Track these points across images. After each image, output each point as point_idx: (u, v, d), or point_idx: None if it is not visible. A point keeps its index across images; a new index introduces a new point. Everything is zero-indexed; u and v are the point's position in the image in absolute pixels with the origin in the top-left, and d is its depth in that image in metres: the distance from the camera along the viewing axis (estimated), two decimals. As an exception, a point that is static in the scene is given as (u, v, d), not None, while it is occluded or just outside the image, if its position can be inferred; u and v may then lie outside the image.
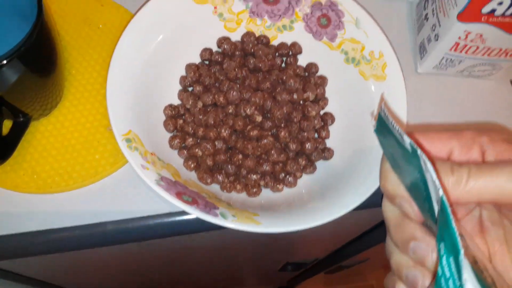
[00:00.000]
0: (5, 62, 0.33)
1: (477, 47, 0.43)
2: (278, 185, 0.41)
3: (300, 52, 0.45)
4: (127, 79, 0.39)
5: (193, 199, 0.36)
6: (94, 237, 0.41)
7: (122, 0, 0.48)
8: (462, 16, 0.40)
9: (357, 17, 0.42)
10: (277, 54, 0.45)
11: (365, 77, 0.42)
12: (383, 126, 0.27)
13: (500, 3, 0.37)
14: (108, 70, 0.39)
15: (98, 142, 0.43)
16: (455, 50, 0.44)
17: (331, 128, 0.44)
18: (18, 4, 0.38)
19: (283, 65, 0.45)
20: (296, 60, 0.45)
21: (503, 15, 0.38)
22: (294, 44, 0.45)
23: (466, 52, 0.44)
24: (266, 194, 0.41)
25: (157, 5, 0.41)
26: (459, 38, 0.42)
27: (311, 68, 0.45)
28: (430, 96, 0.49)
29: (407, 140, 0.24)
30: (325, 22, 0.43)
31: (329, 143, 0.43)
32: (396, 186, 0.27)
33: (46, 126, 0.43)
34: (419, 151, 0.24)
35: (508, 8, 0.38)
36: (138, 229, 0.42)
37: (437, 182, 0.23)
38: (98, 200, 0.42)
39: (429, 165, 0.23)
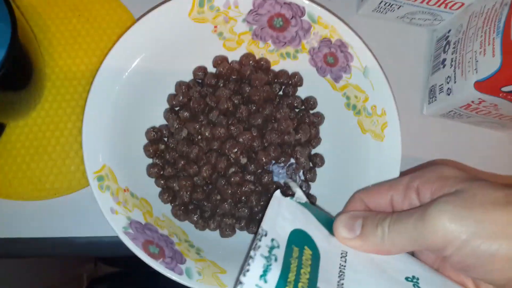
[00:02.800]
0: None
1: (489, 112, 0.40)
2: (253, 227, 0.40)
3: (301, 85, 0.41)
4: (108, 102, 0.37)
5: (160, 250, 0.35)
6: (61, 248, 0.41)
7: (117, -10, 0.44)
8: (481, 86, 0.36)
9: (366, 65, 0.38)
10: (275, 81, 0.42)
11: (363, 130, 0.39)
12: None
13: (523, 88, 0.34)
14: (88, 92, 0.36)
15: (76, 153, 0.41)
16: (466, 108, 0.40)
17: (319, 170, 0.42)
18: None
19: (281, 92, 0.42)
20: (295, 91, 0.42)
21: (522, 96, 0.35)
22: (295, 74, 0.41)
23: (477, 113, 0.41)
24: (242, 235, 0.40)
25: (150, 22, 0.37)
26: (472, 102, 0.39)
27: (309, 102, 0.41)
28: (434, 138, 0.46)
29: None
30: (332, 61, 0.39)
31: (314, 186, 0.42)
32: None
33: (22, 128, 0.41)
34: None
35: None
36: (107, 247, 0.41)
37: None
38: (69, 212, 0.41)
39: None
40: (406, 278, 0.28)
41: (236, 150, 0.38)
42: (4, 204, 0.40)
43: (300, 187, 0.39)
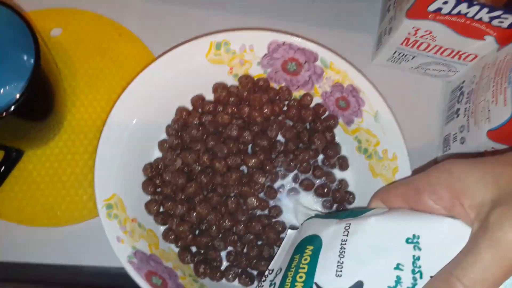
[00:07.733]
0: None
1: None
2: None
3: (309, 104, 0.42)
4: (123, 134, 0.38)
5: (163, 282, 0.34)
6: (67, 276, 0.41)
7: (140, 32, 0.46)
8: (493, 135, 0.36)
9: (377, 110, 0.38)
10: (277, 98, 0.41)
11: (374, 174, 0.39)
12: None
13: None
14: (105, 122, 0.37)
15: (89, 183, 0.42)
16: (479, 158, 0.40)
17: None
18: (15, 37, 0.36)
19: (285, 108, 0.42)
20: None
21: None
22: (307, 95, 0.41)
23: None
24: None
25: (168, 62, 0.39)
26: (486, 151, 0.38)
27: (319, 110, 0.41)
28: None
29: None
30: (344, 105, 0.40)
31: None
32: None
33: (39, 157, 0.42)
34: None
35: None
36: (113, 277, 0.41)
37: None
38: (78, 241, 0.41)
39: None
40: (407, 240, 0.26)
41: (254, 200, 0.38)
42: (15, 229, 0.41)
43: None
